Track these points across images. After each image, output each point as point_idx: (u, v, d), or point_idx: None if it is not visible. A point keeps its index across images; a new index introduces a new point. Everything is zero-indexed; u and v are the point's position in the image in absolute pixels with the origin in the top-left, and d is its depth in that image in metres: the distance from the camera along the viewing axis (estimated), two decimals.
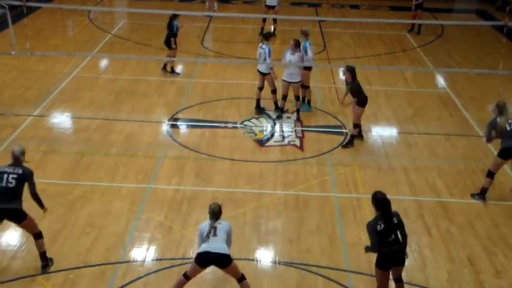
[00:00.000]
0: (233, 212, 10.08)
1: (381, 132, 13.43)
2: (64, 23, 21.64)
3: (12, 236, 9.24)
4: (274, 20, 19.39)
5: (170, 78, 15.79)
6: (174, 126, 13.27)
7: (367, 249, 7.63)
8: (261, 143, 12.66)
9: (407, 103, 14.97)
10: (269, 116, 13.81)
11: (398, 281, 7.84)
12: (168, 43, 15.76)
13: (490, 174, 10.60)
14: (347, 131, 13.19)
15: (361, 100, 12.22)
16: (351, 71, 12.02)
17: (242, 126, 13.28)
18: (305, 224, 9.79)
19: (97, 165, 11.42)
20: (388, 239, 7.38)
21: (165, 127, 13.17)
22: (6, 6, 12.74)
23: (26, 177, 8.22)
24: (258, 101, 13.88)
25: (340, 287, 8.43)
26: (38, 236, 8.36)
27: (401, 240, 7.50)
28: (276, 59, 14.17)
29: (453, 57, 18.71)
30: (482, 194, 10.68)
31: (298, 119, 13.60)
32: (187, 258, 8.85)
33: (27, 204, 8.39)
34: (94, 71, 16.37)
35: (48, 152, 11.85)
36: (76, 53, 17.35)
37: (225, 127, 13.24)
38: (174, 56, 15.87)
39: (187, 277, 7.80)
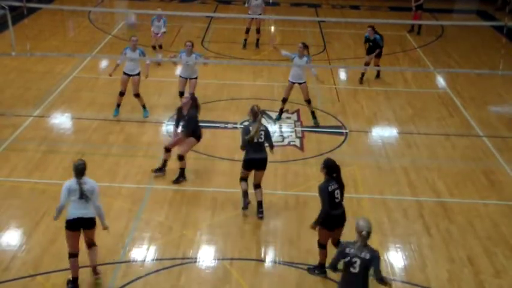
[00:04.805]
0: (233, 212, 10.10)
1: (381, 132, 13.44)
2: (64, 24, 21.66)
3: (12, 236, 9.25)
4: (258, 31, 18.82)
5: (170, 79, 15.77)
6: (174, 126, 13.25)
7: (318, 221, 8.14)
8: None
9: (408, 103, 14.98)
10: (269, 117, 13.81)
11: (339, 243, 8.25)
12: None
13: (242, 179, 9.92)
14: (347, 131, 13.21)
15: None
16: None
17: (242, 126, 13.26)
18: (305, 224, 9.74)
19: (97, 165, 11.42)
20: (335, 200, 8.08)
21: (165, 127, 13.18)
22: (6, 7, 12.75)
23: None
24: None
25: None
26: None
27: (342, 205, 8.24)
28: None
29: (453, 57, 18.72)
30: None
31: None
32: (188, 258, 8.87)
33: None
34: (94, 71, 16.38)
35: (48, 152, 11.85)
36: (76, 53, 17.36)
37: (225, 127, 13.24)
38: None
39: (70, 254, 7.98)
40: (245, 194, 9.99)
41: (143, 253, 8.98)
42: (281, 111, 13.74)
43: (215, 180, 11.09)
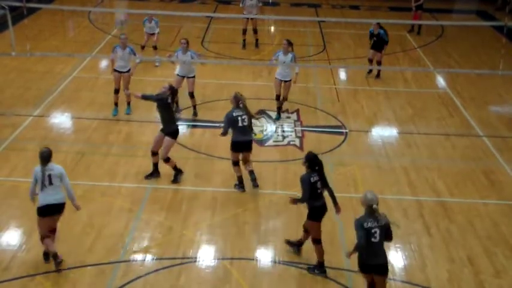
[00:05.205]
0: (233, 212, 10.10)
1: (381, 132, 13.44)
2: (64, 24, 21.66)
3: (12, 236, 9.24)
4: (255, 31, 18.74)
5: (168, 78, 15.76)
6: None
7: (297, 201, 8.46)
8: (261, 143, 12.66)
9: (408, 103, 14.98)
10: (269, 116, 13.82)
11: (308, 231, 8.76)
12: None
13: (234, 163, 10.59)
14: (347, 130, 13.21)
15: None
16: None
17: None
18: None
19: (97, 165, 11.43)
20: (317, 191, 8.35)
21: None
22: (6, 7, 12.74)
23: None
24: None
25: (340, 286, 8.44)
26: None
27: (323, 196, 8.48)
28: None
29: (453, 57, 18.72)
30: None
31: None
32: (187, 258, 8.87)
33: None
34: (94, 71, 16.38)
35: None
36: (76, 53, 17.36)
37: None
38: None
39: (43, 237, 8.33)
40: (240, 179, 10.66)
41: (143, 253, 8.97)
42: (279, 110, 13.80)
43: (215, 180, 11.09)
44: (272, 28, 21.42)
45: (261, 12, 18.89)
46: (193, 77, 13.50)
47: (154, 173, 10.99)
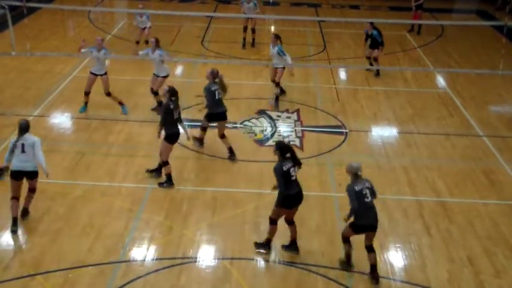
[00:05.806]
0: (233, 211, 10.10)
1: (381, 132, 13.44)
2: (64, 24, 21.65)
3: (12, 235, 9.23)
4: (253, 31, 18.93)
5: (169, 79, 15.76)
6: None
7: (277, 204, 8.61)
8: (261, 143, 12.67)
9: (408, 103, 14.98)
10: (269, 116, 13.82)
11: (291, 223, 8.93)
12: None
13: (202, 128, 11.91)
14: (347, 130, 13.22)
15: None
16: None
17: (242, 126, 13.29)
18: (305, 224, 9.78)
19: (97, 165, 11.43)
20: (291, 179, 8.50)
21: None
22: (6, 6, 12.74)
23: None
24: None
25: (340, 286, 8.44)
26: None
27: (299, 184, 8.67)
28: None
29: (453, 57, 18.72)
30: None
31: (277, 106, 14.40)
32: (188, 258, 8.87)
33: None
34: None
35: (48, 151, 11.74)
36: (76, 53, 17.32)
37: (225, 127, 13.19)
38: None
39: (12, 197, 9.09)
40: (201, 140, 12.03)
41: (143, 253, 8.97)
42: (277, 95, 14.50)
43: (215, 180, 11.09)
44: (272, 28, 21.40)
45: (261, 12, 18.85)
46: (164, 76, 13.52)
47: (157, 171, 10.96)
